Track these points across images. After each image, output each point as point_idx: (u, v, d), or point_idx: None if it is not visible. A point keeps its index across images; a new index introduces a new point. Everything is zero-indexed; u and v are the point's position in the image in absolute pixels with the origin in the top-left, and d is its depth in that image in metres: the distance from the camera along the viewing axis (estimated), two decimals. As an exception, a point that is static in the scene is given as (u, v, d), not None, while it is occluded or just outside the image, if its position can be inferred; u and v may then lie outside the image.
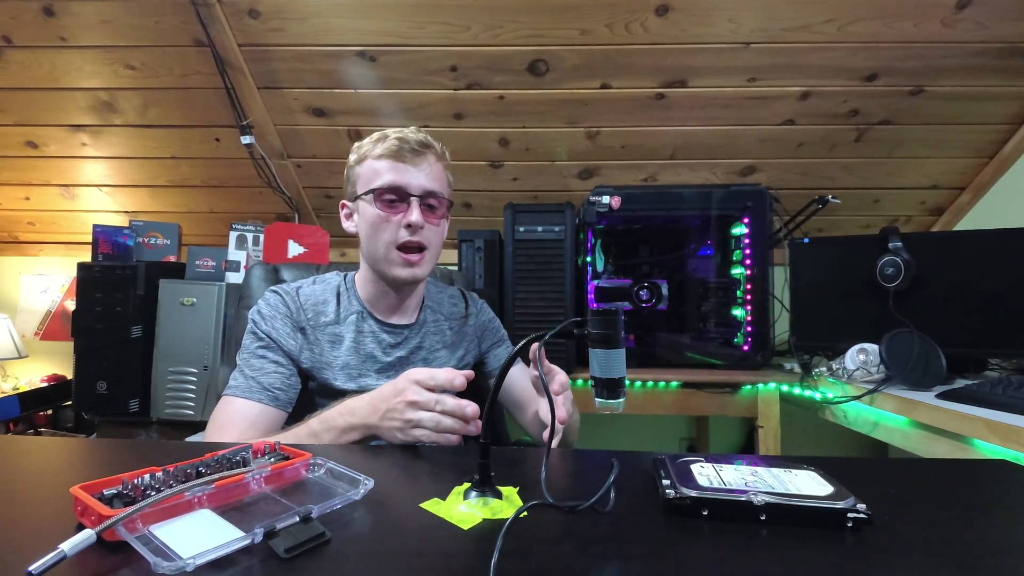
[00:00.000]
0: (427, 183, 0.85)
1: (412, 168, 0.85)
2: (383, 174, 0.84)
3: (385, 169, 0.85)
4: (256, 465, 0.49)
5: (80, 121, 1.83)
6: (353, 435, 0.70)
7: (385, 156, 0.85)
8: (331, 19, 1.51)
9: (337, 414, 0.71)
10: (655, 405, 1.50)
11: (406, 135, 0.86)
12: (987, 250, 1.31)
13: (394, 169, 0.84)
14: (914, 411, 1.08)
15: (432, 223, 0.87)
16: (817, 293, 1.49)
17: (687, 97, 1.66)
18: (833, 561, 0.38)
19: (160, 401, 1.78)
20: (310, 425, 0.73)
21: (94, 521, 0.37)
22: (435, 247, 0.89)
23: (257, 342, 0.85)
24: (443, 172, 0.90)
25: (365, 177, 0.86)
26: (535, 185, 1.95)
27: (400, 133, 0.86)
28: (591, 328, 0.53)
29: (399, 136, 0.85)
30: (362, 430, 0.69)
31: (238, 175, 1.95)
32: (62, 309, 2.27)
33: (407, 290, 0.91)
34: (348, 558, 0.38)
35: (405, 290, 0.91)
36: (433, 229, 0.87)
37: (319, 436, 0.71)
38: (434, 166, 0.87)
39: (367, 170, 0.86)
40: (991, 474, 0.58)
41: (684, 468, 0.49)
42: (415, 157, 0.85)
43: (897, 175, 1.86)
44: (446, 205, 0.89)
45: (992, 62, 1.53)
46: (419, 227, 0.84)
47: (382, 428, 0.67)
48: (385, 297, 0.91)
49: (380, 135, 0.87)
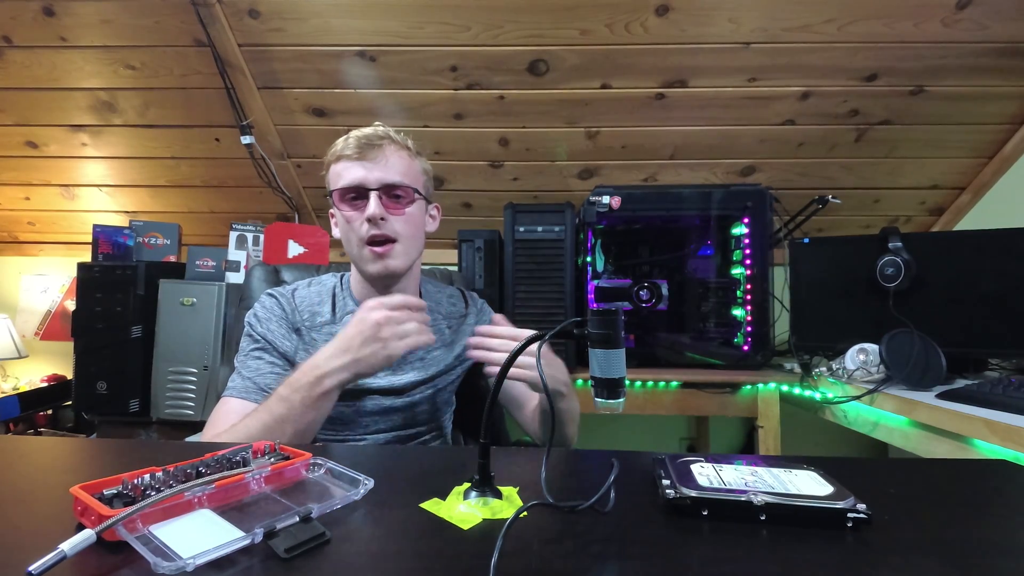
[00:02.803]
0: (384, 175, 0.85)
1: (368, 163, 0.85)
2: (343, 174, 0.85)
3: (344, 169, 0.85)
4: (256, 465, 0.48)
5: (80, 121, 1.83)
6: (327, 384, 0.70)
7: (343, 157, 0.85)
8: (331, 19, 1.51)
9: (302, 374, 0.71)
10: (655, 405, 1.50)
11: (364, 132, 0.86)
12: (987, 250, 1.31)
13: (351, 167, 0.85)
14: (914, 411, 1.08)
15: (396, 214, 0.86)
16: (817, 293, 1.49)
17: (687, 97, 1.66)
18: (833, 561, 0.38)
19: (160, 401, 1.79)
20: (277, 394, 0.71)
21: (94, 521, 0.37)
22: (407, 237, 0.87)
23: (253, 344, 0.86)
24: (407, 160, 0.88)
25: (332, 181, 0.87)
26: (535, 185, 1.95)
27: (359, 131, 0.86)
28: (591, 328, 0.52)
29: (356, 135, 0.86)
30: (338, 374, 0.70)
31: (238, 175, 1.95)
32: (62, 309, 2.27)
33: (388, 284, 0.90)
34: (348, 558, 0.38)
35: (386, 284, 0.89)
36: (399, 219, 0.86)
37: (289, 401, 0.70)
38: (393, 156, 0.86)
39: (332, 174, 0.88)
40: (991, 474, 0.58)
41: (684, 468, 0.49)
42: (371, 151, 0.85)
43: (897, 175, 1.86)
44: (412, 194, 0.88)
45: (992, 62, 1.53)
46: (379, 219, 0.83)
47: (363, 359, 0.69)
48: (373, 295, 0.91)
49: (343, 137, 0.87)
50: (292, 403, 0.70)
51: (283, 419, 0.69)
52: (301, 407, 0.70)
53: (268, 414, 0.70)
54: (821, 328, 1.48)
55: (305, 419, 0.70)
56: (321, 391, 0.70)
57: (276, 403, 0.71)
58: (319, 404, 0.71)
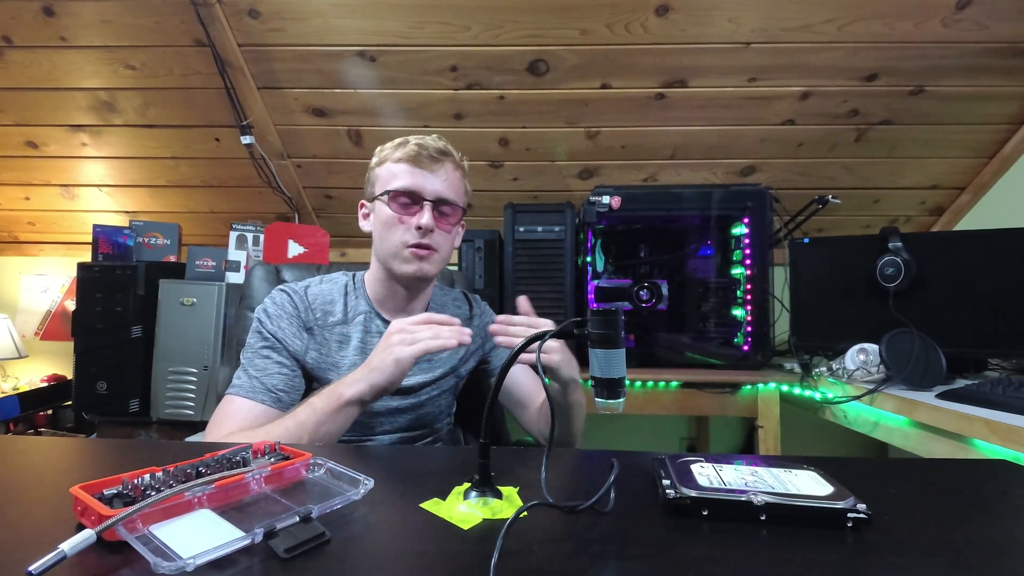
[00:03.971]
0: (442, 190, 0.87)
1: (428, 174, 0.87)
2: (400, 177, 0.86)
3: (402, 172, 0.87)
4: (256, 465, 0.48)
5: (80, 121, 1.83)
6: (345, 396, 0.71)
7: (404, 160, 0.87)
8: (331, 19, 1.51)
9: (330, 388, 0.74)
10: (655, 405, 1.50)
11: (426, 142, 0.88)
12: (987, 250, 1.31)
13: (411, 173, 0.86)
14: (914, 411, 1.08)
15: (443, 228, 0.89)
16: (817, 293, 1.49)
17: (687, 97, 1.66)
18: (833, 561, 0.38)
19: (160, 401, 1.78)
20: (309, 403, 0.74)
21: (94, 521, 0.37)
22: (444, 250, 0.90)
23: (262, 342, 0.85)
24: (460, 181, 0.92)
25: (383, 179, 0.88)
26: (535, 185, 1.95)
27: (421, 140, 0.88)
28: (591, 328, 0.52)
29: (419, 142, 0.87)
30: (354, 385, 0.72)
31: (238, 175, 1.95)
32: (62, 309, 2.27)
33: (416, 288, 0.92)
34: (348, 558, 0.38)
35: (414, 288, 0.92)
36: (443, 234, 0.89)
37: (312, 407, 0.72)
38: (451, 174, 0.89)
39: (385, 172, 0.88)
40: (991, 474, 0.58)
41: (684, 468, 0.49)
42: (432, 163, 0.87)
43: (897, 175, 1.86)
44: (459, 213, 0.91)
45: (992, 62, 1.53)
46: (429, 230, 0.85)
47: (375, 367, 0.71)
48: (393, 297, 0.92)
49: (402, 140, 0.89)
50: (315, 409, 0.72)
51: (303, 424, 0.71)
52: (321, 415, 0.72)
53: (293, 419, 0.72)
54: (821, 328, 1.48)
55: (322, 428, 0.72)
56: (339, 402, 0.72)
57: (303, 409, 0.73)
58: (336, 416, 0.72)
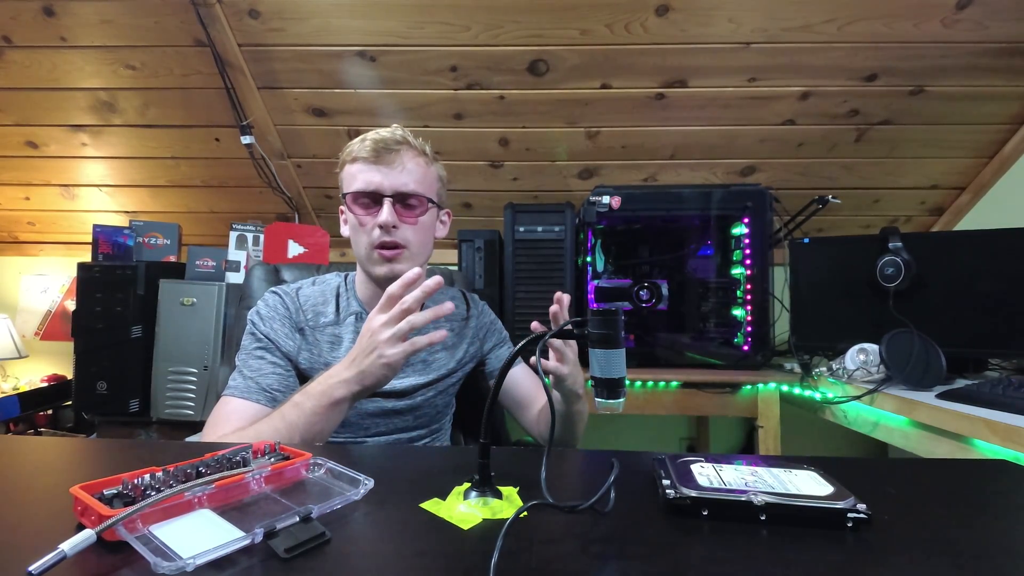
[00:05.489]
0: (401, 182, 0.84)
1: (385, 168, 0.84)
2: (357, 177, 0.84)
3: (359, 171, 0.84)
4: (256, 465, 0.48)
5: (80, 121, 1.83)
6: (337, 395, 0.69)
7: (359, 159, 0.84)
8: (331, 19, 1.51)
9: (317, 383, 0.71)
10: (655, 405, 1.50)
11: (381, 134, 0.85)
12: (987, 250, 1.31)
13: (367, 171, 0.84)
14: (914, 411, 1.08)
15: (408, 222, 0.85)
16: (817, 293, 1.49)
17: (687, 97, 1.66)
18: (833, 561, 0.38)
19: (160, 401, 1.78)
20: (292, 400, 0.72)
21: (94, 521, 0.37)
22: (415, 244, 0.87)
23: (256, 343, 0.86)
24: (423, 167, 0.87)
25: (346, 182, 0.87)
26: (535, 185, 1.95)
27: (376, 133, 0.85)
28: (591, 328, 0.52)
29: (374, 137, 0.85)
30: (347, 385, 0.69)
31: (238, 175, 1.95)
32: (62, 309, 2.27)
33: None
34: (348, 558, 0.38)
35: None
36: (410, 228, 0.86)
37: (301, 408, 0.70)
38: (410, 163, 0.85)
39: (347, 174, 0.87)
40: (991, 474, 0.58)
41: (684, 468, 0.49)
42: (389, 155, 0.84)
43: (897, 175, 1.86)
44: (425, 203, 0.87)
45: (992, 62, 1.53)
46: (391, 227, 0.83)
47: (366, 370, 0.68)
48: (377, 297, 0.91)
49: (360, 137, 0.86)
50: (304, 410, 0.70)
51: (293, 426, 0.69)
52: (311, 415, 0.69)
53: (281, 419, 0.70)
54: (821, 328, 1.48)
55: (314, 428, 0.70)
56: (330, 401, 0.70)
57: (290, 409, 0.71)
58: (329, 414, 0.70)
